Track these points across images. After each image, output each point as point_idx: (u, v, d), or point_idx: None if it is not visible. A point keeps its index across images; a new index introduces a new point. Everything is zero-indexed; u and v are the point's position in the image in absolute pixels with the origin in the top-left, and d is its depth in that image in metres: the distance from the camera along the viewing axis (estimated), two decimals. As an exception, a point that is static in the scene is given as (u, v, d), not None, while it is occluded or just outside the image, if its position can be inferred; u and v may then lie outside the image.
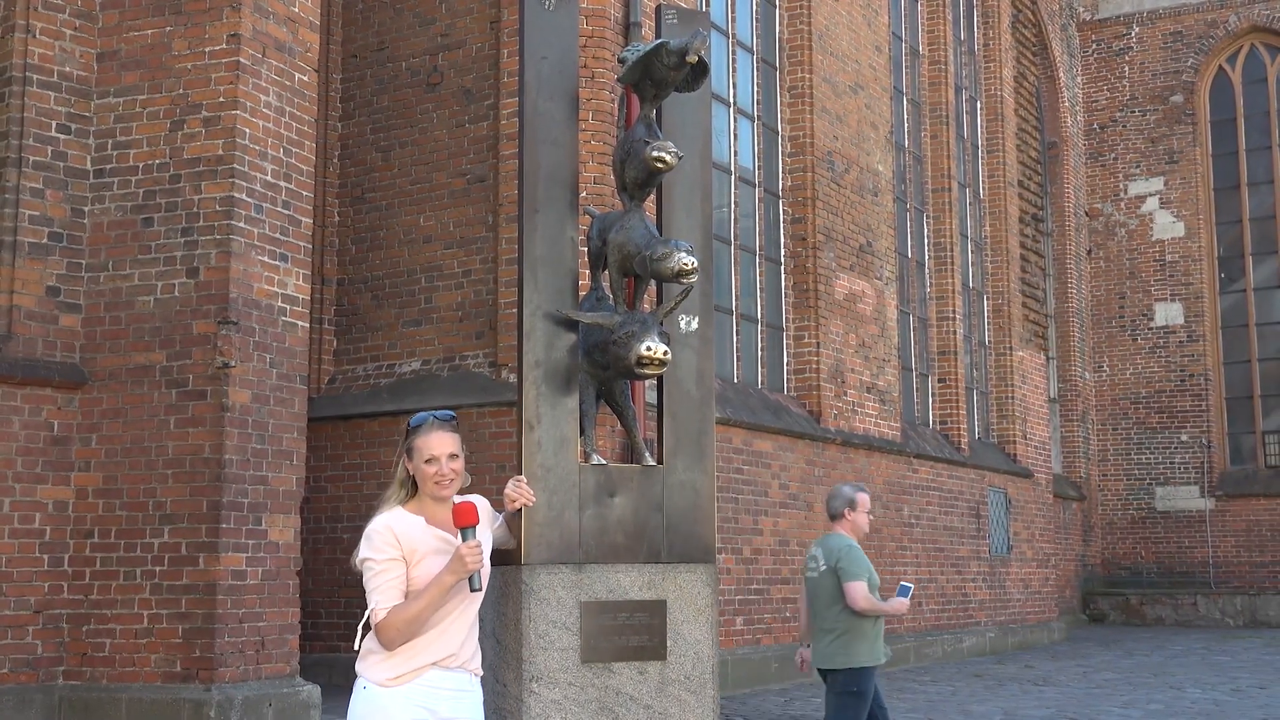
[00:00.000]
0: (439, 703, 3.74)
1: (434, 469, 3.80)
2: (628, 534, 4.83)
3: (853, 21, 15.23)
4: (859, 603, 6.63)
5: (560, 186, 4.92)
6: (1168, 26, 24.15)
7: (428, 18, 11.91)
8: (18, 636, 7.86)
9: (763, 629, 12.57)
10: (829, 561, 6.75)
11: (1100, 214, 24.42)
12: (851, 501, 6.89)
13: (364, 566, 3.74)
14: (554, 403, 4.77)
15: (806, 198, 14.16)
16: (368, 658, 3.77)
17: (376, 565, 3.72)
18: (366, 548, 3.74)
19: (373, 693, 3.72)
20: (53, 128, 8.33)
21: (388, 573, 3.71)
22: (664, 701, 4.73)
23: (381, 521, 3.77)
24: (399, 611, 3.68)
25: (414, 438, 3.83)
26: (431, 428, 3.83)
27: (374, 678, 3.73)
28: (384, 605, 3.69)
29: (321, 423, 11.07)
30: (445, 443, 3.82)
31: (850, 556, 6.70)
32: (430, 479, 3.81)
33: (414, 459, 3.81)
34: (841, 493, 6.95)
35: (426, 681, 3.73)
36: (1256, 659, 15.67)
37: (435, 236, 11.59)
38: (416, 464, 3.81)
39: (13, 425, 7.92)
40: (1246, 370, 23.52)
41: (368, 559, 3.73)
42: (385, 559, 3.72)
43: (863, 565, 6.71)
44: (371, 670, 3.74)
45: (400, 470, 3.84)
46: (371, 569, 3.72)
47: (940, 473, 16.20)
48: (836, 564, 6.71)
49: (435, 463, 3.80)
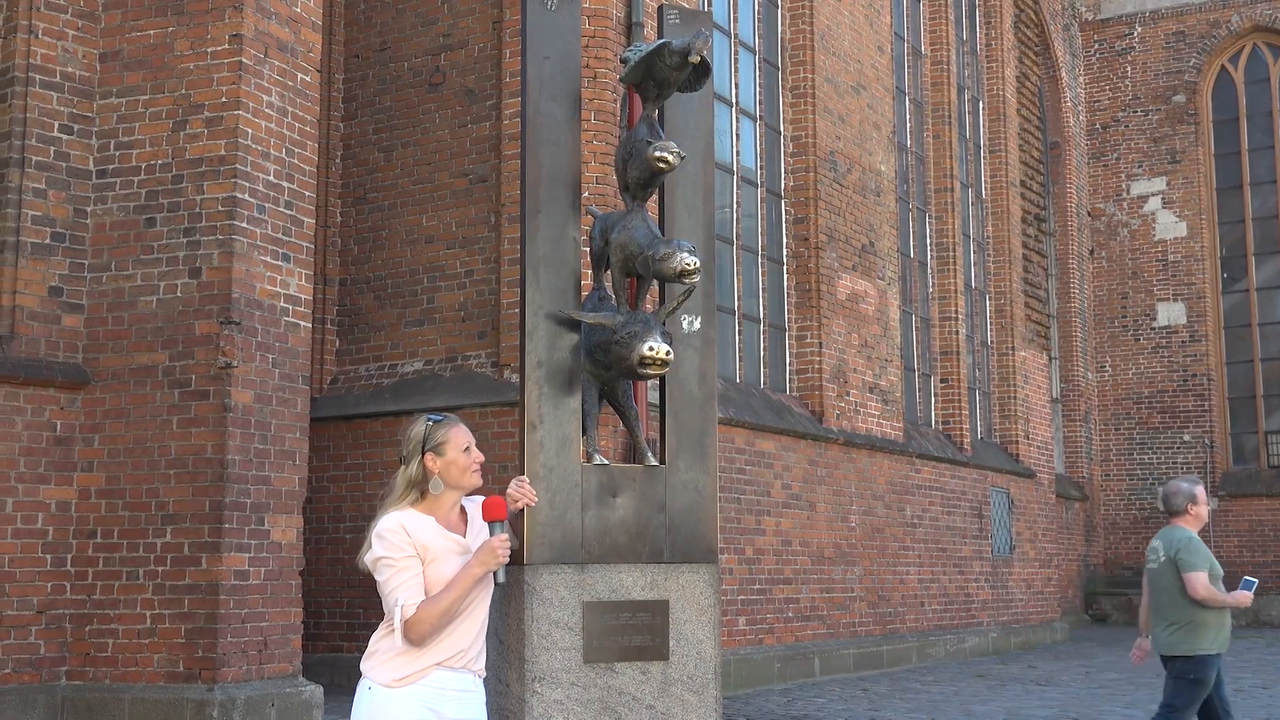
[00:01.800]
0: (444, 703, 3.73)
1: (471, 457, 3.83)
2: (630, 534, 4.82)
3: (855, 21, 15.23)
4: (1198, 592, 6.83)
5: (562, 187, 4.92)
6: (1170, 26, 24.14)
7: (430, 18, 11.92)
8: (21, 636, 7.86)
9: (765, 629, 12.56)
10: (1169, 553, 6.99)
11: (1103, 214, 24.41)
12: (1192, 496, 7.12)
13: (380, 566, 3.70)
14: (556, 403, 4.77)
15: (809, 198, 14.16)
16: (373, 658, 3.74)
17: (396, 563, 3.69)
18: (381, 546, 3.70)
19: (377, 694, 3.70)
20: (55, 128, 8.33)
21: (409, 570, 3.69)
22: (666, 701, 4.73)
23: (395, 520, 3.74)
24: (430, 606, 3.66)
25: (443, 431, 3.82)
26: (453, 422, 3.87)
27: (379, 679, 3.70)
28: (412, 601, 3.66)
29: (324, 423, 11.08)
30: (469, 434, 3.88)
31: (1190, 548, 6.93)
32: (468, 468, 3.82)
33: (446, 453, 3.80)
34: (1181, 490, 7.17)
35: (432, 682, 3.71)
36: (1258, 659, 15.66)
37: (438, 236, 11.59)
38: (452, 456, 3.80)
39: (15, 425, 7.93)
40: (1249, 370, 23.51)
41: (384, 558, 3.70)
42: (404, 556, 3.69)
43: (1203, 556, 6.94)
44: (376, 671, 3.72)
45: (415, 471, 3.80)
46: (390, 566, 3.69)
47: (943, 473, 16.19)
48: (1176, 555, 6.93)
49: (471, 451, 3.84)
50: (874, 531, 14.49)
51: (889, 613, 14.73)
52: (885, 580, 14.68)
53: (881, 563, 14.62)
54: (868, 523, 14.37)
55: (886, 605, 14.68)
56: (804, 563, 13.18)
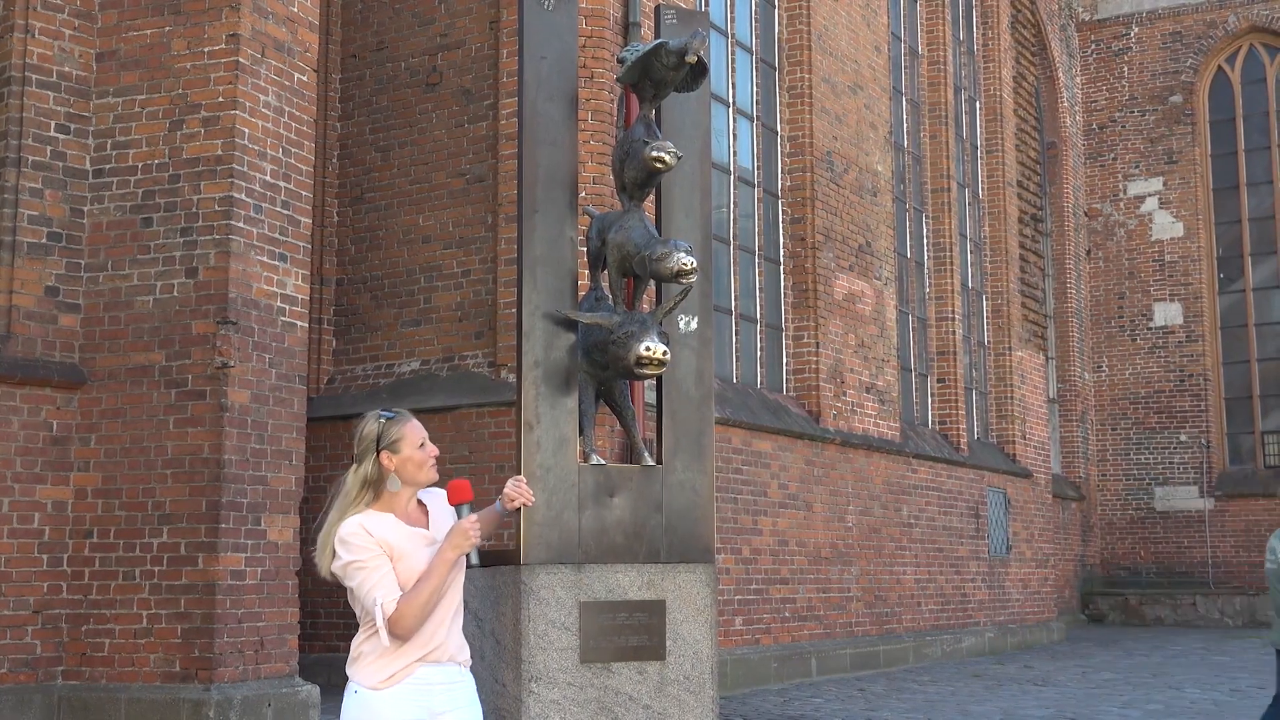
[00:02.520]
0: (432, 699, 3.72)
1: (426, 452, 3.81)
2: (627, 534, 4.83)
3: (852, 22, 15.24)
4: None
5: (559, 186, 4.92)
6: (1167, 27, 24.16)
7: (427, 18, 11.91)
8: (17, 636, 7.86)
9: (762, 629, 12.57)
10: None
11: (1099, 214, 24.43)
12: None
13: (350, 570, 3.69)
14: (553, 403, 4.77)
15: (805, 198, 14.17)
16: (357, 661, 3.73)
17: (366, 564, 3.68)
18: (347, 551, 3.69)
19: (364, 697, 3.69)
20: (52, 127, 8.33)
21: (380, 568, 3.68)
22: (663, 701, 4.73)
23: (354, 523, 3.72)
24: (411, 599, 3.66)
25: (397, 427, 3.80)
26: (406, 418, 3.85)
27: (365, 681, 3.70)
28: (391, 597, 3.66)
29: (320, 423, 11.06)
30: (422, 429, 3.88)
31: None
32: (424, 463, 3.81)
33: (402, 449, 3.78)
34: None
35: (417, 679, 3.71)
36: (1256, 659, 15.67)
37: (434, 236, 11.59)
38: (407, 453, 3.78)
39: (12, 425, 7.92)
40: (1245, 370, 23.53)
41: (353, 561, 3.68)
42: (372, 556, 3.68)
43: None
44: (362, 674, 3.71)
45: (370, 469, 3.77)
46: (361, 569, 3.68)
47: (939, 473, 16.20)
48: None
49: (426, 446, 3.82)
50: (871, 531, 14.50)
51: (886, 613, 14.73)
52: (882, 580, 14.69)
53: (878, 563, 14.63)
54: (864, 523, 14.38)
55: (883, 605, 14.68)
56: (801, 563, 13.19)
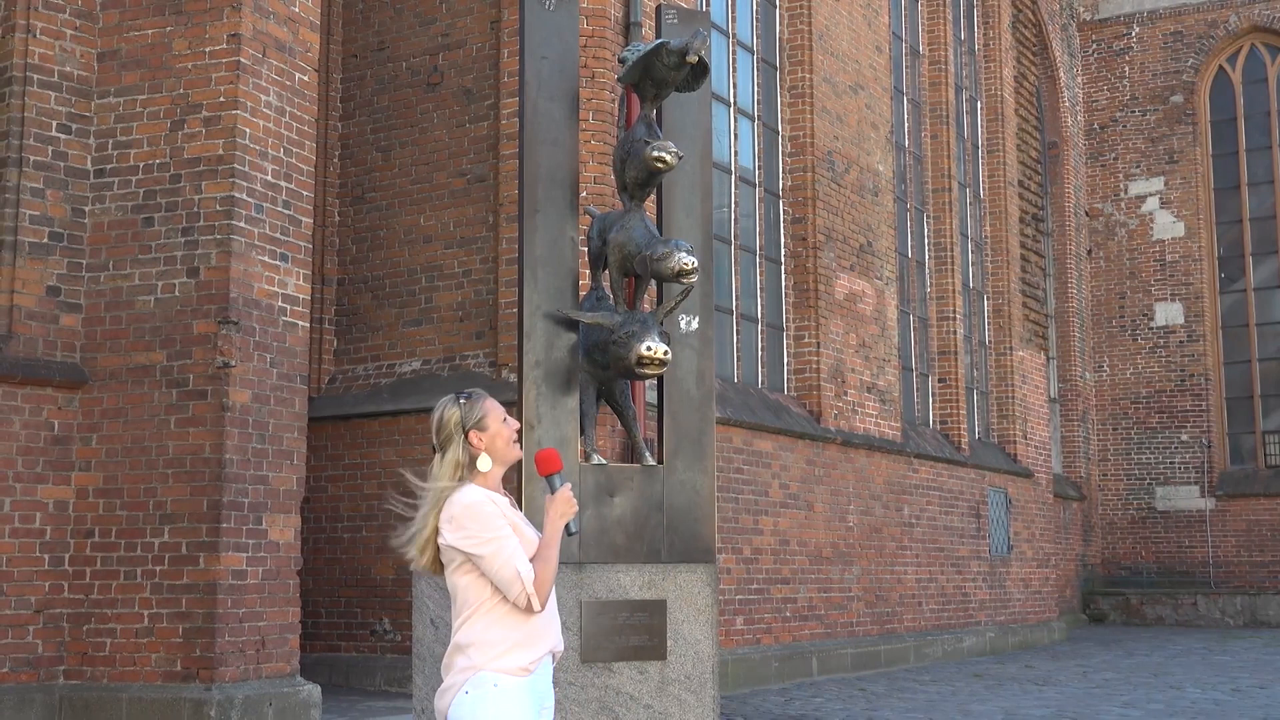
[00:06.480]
0: (547, 691, 3.55)
1: (511, 426, 3.69)
2: (628, 534, 4.83)
3: (853, 21, 15.23)
4: None
5: (560, 186, 4.92)
6: (1168, 26, 24.15)
7: (428, 17, 11.92)
8: (18, 636, 7.86)
9: (763, 628, 12.57)
10: None
11: (1100, 214, 24.42)
12: None
13: (481, 542, 3.45)
14: (554, 402, 4.77)
15: (806, 198, 14.17)
16: (482, 650, 3.44)
17: (499, 533, 3.47)
18: (475, 523, 3.48)
19: (507, 686, 3.40)
20: (53, 127, 8.33)
21: (512, 539, 3.49)
22: (664, 701, 4.73)
23: (480, 493, 3.54)
24: (544, 568, 3.46)
25: (479, 405, 3.69)
26: (482, 395, 3.74)
27: (505, 667, 3.42)
28: (528, 568, 3.45)
29: (322, 422, 11.07)
30: (500, 405, 3.75)
31: None
32: (511, 438, 3.68)
33: (490, 425, 3.65)
34: None
35: (545, 668, 3.55)
36: (1256, 659, 15.67)
37: (435, 236, 11.59)
38: (495, 428, 3.65)
39: (13, 425, 7.93)
40: (1246, 370, 23.52)
41: (484, 531, 3.47)
42: (502, 525, 3.50)
43: None
44: (499, 661, 3.42)
45: (459, 453, 3.62)
46: (495, 539, 3.46)
47: (940, 472, 16.20)
48: None
49: (509, 420, 3.70)
50: (872, 531, 14.50)
51: (886, 612, 14.73)
52: (883, 580, 14.69)
53: (879, 562, 14.63)
54: (865, 522, 14.38)
55: (884, 605, 14.69)
56: (802, 562, 13.19)
